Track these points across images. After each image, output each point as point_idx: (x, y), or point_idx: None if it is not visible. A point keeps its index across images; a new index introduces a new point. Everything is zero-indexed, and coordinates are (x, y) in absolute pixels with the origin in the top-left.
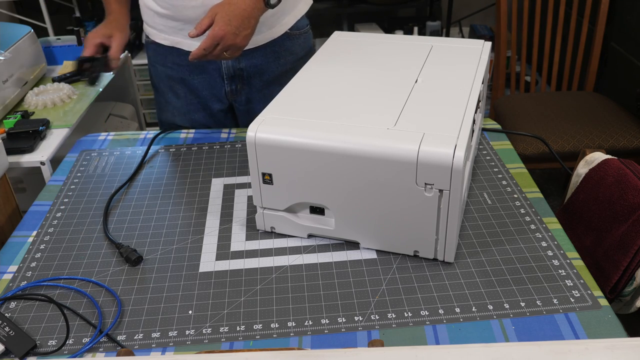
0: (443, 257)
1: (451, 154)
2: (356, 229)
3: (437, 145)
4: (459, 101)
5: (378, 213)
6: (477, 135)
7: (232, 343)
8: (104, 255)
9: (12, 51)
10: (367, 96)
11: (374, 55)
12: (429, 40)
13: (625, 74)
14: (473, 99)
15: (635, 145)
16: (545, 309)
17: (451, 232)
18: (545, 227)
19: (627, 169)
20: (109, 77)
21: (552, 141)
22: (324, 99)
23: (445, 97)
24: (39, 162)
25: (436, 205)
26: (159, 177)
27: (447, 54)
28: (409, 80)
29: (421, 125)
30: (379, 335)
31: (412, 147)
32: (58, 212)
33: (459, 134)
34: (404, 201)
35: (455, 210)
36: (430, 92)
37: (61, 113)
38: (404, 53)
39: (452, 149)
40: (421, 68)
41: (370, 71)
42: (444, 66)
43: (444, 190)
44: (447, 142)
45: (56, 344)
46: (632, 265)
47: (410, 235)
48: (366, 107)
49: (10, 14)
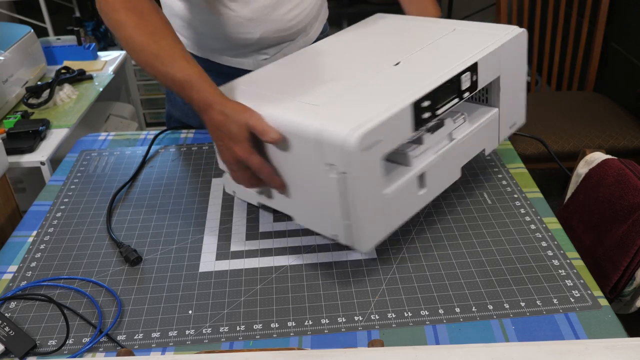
0: (354, 244)
1: (344, 134)
2: (289, 203)
3: (339, 125)
4: (413, 86)
5: (302, 190)
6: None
7: (232, 343)
8: (104, 255)
9: (12, 51)
10: (336, 76)
11: (382, 37)
12: (455, 24)
13: (625, 74)
14: (435, 84)
15: (635, 145)
16: (545, 309)
17: (360, 218)
18: (545, 227)
19: (627, 169)
20: (109, 77)
21: (552, 141)
22: (297, 76)
23: (405, 82)
24: (39, 162)
25: (337, 188)
26: (159, 177)
27: (459, 38)
28: (388, 63)
29: (350, 106)
30: (379, 335)
31: (314, 124)
32: (58, 212)
33: (374, 117)
34: (316, 181)
35: (358, 196)
36: (397, 75)
37: (61, 113)
38: (414, 35)
39: (349, 130)
40: (417, 51)
41: (362, 53)
42: (442, 50)
43: (345, 173)
44: (353, 123)
45: (56, 344)
46: (632, 265)
47: (327, 217)
48: (324, 86)
49: (10, 14)
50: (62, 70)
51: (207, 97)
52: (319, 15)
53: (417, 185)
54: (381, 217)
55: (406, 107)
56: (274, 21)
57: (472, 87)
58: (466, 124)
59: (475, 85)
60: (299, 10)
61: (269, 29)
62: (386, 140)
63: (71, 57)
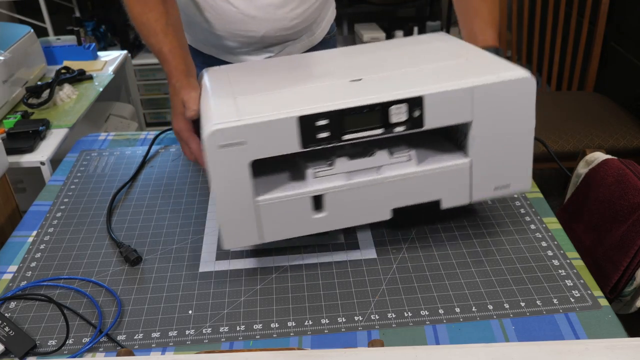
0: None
1: (207, 130)
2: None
3: (213, 120)
4: (325, 102)
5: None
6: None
7: (232, 343)
8: (104, 255)
9: (12, 51)
10: (289, 83)
11: (386, 53)
12: (470, 54)
13: (625, 74)
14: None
15: (635, 145)
16: (545, 309)
17: (221, 215)
18: (545, 227)
19: (627, 169)
20: (109, 77)
21: (552, 141)
22: (260, 75)
23: (326, 97)
24: (39, 162)
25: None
26: (159, 177)
27: (449, 67)
28: (351, 78)
29: (249, 107)
30: (379, 335)
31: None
32: (58, 212)
33: (246, 120)
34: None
35: (219, 193)
36: (333, 89)
37: (61, 113)
38: (415, 58)
39: (211, 125)
40: (391, 72)
41: (342, 65)
42: (412, 76)
43: (209, 167)
44: (223, 120)
45: (56, 344)
46: (632, 265)
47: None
48: (266, 89)
49: (10, 14)
50: (62, 70)
51: (171, 70)
52: (325, 15)
53: (310, 205)
54: (251, 222)
55: (289, 120)
56: (278, 20)
57: (415, 123)
58: (408, 164)
59: (420, 122)
60: (302, 9)
61: (273, 27)
62: (256, 145)
63: (71, 57)
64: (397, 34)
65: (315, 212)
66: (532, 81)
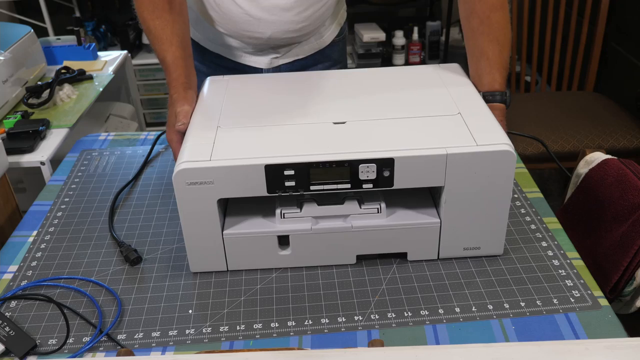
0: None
1: (178, 166)
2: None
3: (186, 156)
4: (297, 151)
5: None
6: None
7: (232, 342)
8: (104, 255)
9: (12, 51)
10: (276, 111)
11: (382, 92)
12: (467, 109)
13: (625, 74)
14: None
15: (635, 145)
16: (545, 309)
17: (187, 243)
18: (546, 227)
19: (627, 169)
20: (109, 77)
21: (552, 141)
22: (257, 98)
23: (300, 143)
24: (39, 162)
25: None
26: (160, 176)
27: (432, 125)
28: (336, 118)
29: (226, 143)
30: (379, 335)
31: (185, 145)
32: (58, 212)
33: (216, 161)
34: None
35: (185, 224)
36: (311, 133)
37: (61, 113)
38: (405, 102)
39: (181, 162)
40: (375, 120)
41: (335, 99)
42: (394, 131)
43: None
44: (194, 158)
45: (56, 344)
46: (632, 265)
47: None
48: (251, 117)
49: (10, 14)
50: (62, 70)
51: (171, 81)
52: (334, 19)
53: (276, 242)
54: (218, 252)
55: (257, 167)
56: (284, 22)
57: (384, 182)
58: (377, 216)
59: (390, 181)
60: (310, 12)
61: (279, 30)
62: (223, 186)
63: (71, 57)
64: (397, 34)
65: (280, 249)
66: (511, 154)
